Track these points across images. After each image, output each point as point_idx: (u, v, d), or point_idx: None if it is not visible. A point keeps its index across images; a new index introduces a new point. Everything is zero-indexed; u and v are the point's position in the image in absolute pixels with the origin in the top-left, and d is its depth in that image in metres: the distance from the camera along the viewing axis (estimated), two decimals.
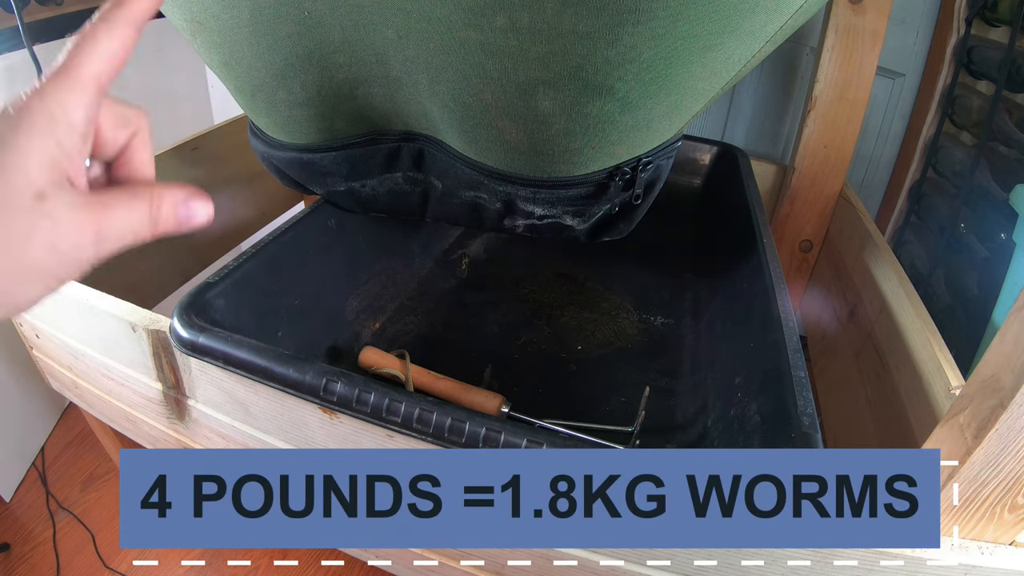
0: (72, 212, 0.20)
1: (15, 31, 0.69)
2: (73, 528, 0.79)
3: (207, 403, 0.48)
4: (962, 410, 0.34)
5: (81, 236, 0.21)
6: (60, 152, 0.20)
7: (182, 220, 0.23)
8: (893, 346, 0.58)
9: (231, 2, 0.39)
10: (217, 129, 0.79)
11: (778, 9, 0.33)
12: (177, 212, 0.23)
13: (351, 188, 0.54)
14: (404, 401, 0.37)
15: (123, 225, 0.22)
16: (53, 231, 0.20)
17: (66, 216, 0.20)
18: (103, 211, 0.21)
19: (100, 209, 0.21)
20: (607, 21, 0.31)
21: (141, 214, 0.22)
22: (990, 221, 0.75)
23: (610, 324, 0.69)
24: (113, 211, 0.21)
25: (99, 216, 0.21)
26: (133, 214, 0.22)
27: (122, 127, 0.23)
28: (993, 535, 0.34)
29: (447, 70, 0.37)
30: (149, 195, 0.22)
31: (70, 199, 0.21)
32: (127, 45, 0.21)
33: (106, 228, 0.21)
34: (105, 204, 0.21)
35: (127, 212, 0.22)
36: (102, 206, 0.21)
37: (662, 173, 0.48)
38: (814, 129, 0.83)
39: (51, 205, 0.20)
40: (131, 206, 0.22)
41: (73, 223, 0.20)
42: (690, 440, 0.53)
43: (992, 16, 0.80)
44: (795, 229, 0.90)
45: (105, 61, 0.21)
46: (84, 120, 0.21)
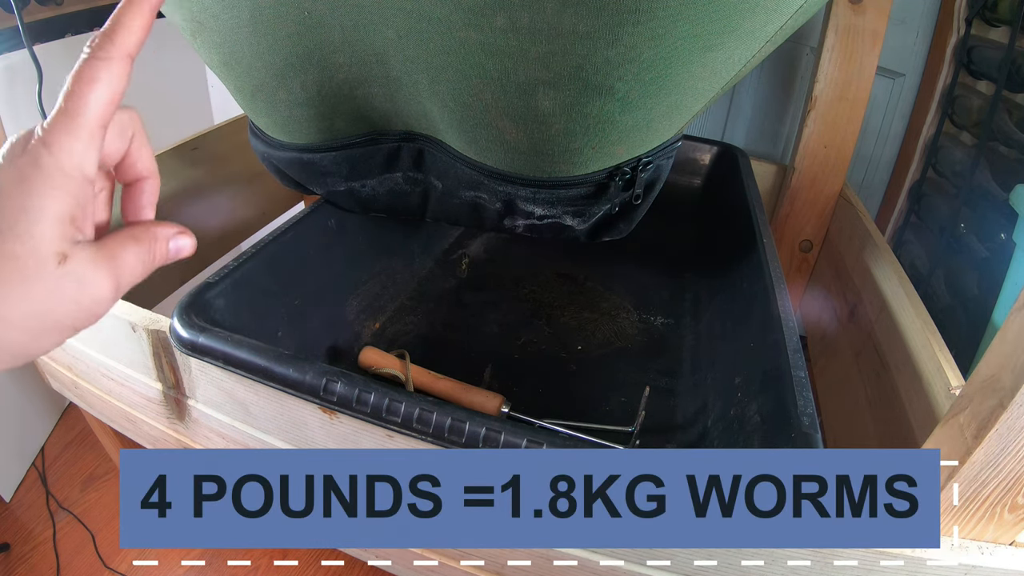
0: (93, 268, 0.21)
1: (15, 31, 0.69)
2: (73, 528, 0.79)
3: (207, 403, 0.48)
4: (962, 410, 0.34)
5: (102, 290, 0.21)
6: (77, 208, 0.20)
7: (173, 254, 0.25)
8: (893, 346, 0.58)
9: (231, 2, 0.39)
10: (217, 129, 0.79)
11: (778, 9, 0.33)
12: (169, 248, 0.24)
13: (351, 188, 0.54)
14: (404, 401, 0.37)
15: (132, 269, 0.23)
16: (78, 290, 0.20)
17: (87, 274, 0.21)
18: (116, 261, 0.22)
19: (113, 260, 0.22)
20: (607, 21, 0.31)
21: (144, 256, 0.23)
22: (990, 221, 0.75)
23: (610, 324, 0.69)
24: (124, 259, 0.22)
25: (114, 267, 0.22)
26: (139, 258, 0.23)
27: (121, 137, 0.23)
28: (993, 535, 0.34)
29: (447, 70, 0.37)
30: (147, 237, 0.23)
31: (88, 254, 0.21)
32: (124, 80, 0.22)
33: (122, 278, 0.22)
34: (115, 254, 0.22)
35: (134, 257, 0.23)
36: (113, 257, 0.22)
37: (662, 173, 0.48)
38: (814, 129, 0.83)
39: (73, 264, 0.20)
40: (136, 250, 0.23)
41: (95, 279, 0.21)
42: (690, 440, 0.53)
43: (992, 16, 0.80)
44: (795, 229, 0.90)
45: (107, 101, 0.21)
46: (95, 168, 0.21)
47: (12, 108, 0.77)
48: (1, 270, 0.19)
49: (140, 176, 0.25)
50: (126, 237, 0.23)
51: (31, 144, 0.20)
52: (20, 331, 0.20)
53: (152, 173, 0.25)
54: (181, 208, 0.73)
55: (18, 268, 0.19)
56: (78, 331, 0.21)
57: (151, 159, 0.25)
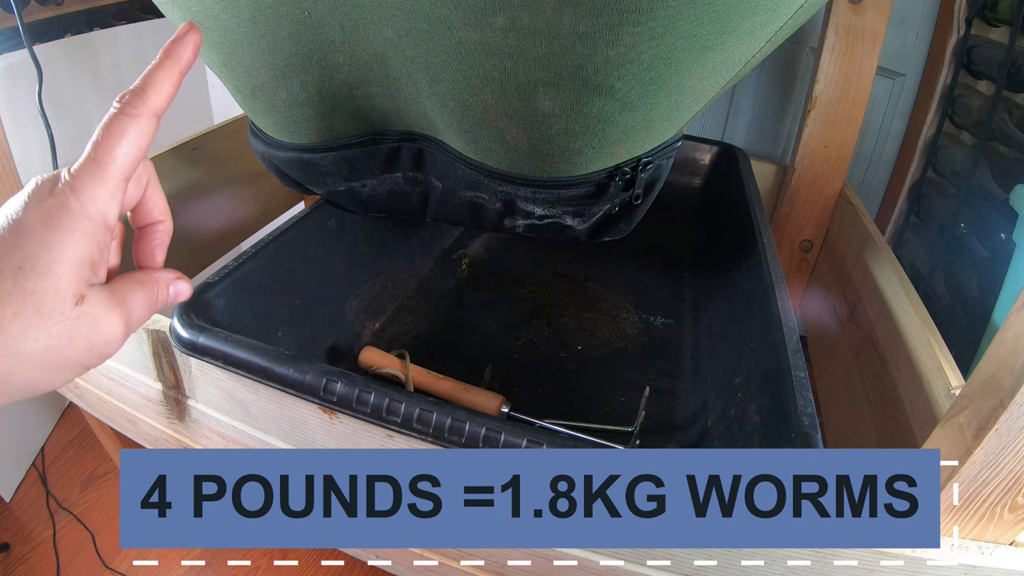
0: (107, 311, 0.22)
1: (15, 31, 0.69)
2: (73, 528, 0.79)
3: (207, 403, 0.48)
4: (962, 410, 0.34)
5: (114, 331, 0.22)
6: (96, 252, 0.21)
7: (172, 298, 0.26)
8: (893, 346, 0.58)
9: (231, 2, 0.39)
10: (217, 129, 0.79)
11: (778, 9, 0.33)
12: (170, 292, 0.26)
13: (351, 188, 0.54)
14: (404, 401, 0.37)
15: (140, 312, 0.24)
16: (92, 330, 0.21)
17: (102, 315, 0.21)
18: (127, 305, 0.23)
19: (124, 303, 0.23)
20: (607, 21, 0.31)
21: (150, 300, 0.24)
22: (990, 221, 0.75)
23: (610, 324, 0.69)
24: (133, 303, 0.23)
25: (125, 310, 0.23)
26: (145, 302, 0.24)
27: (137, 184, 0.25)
28: (993, 535, 0.34)
29: (447, 70, 0.37)
30: (151, 282, 0.25)
31: (103, 298, 0.22)
32: (150, 137, 0.23)
33: (131, 320, 0.23)
34: (126, 298, 0.23)
35: (141, 302, 0.24)
36: (124, 300, 0.23)
37: (662, 173, 0.48)
38: (814, 129, 0.83)
39: (89, 306, 0.21)
40: (142, 295, 0.24)
41: (108, 320, 0.22)
42: (690, 440, 0.53)
43: (992, 16, 0.80)
44: (795, 229, 0.90)
45: (133, 156, 0.22)
46: (117, 215, 0.22)
47: (12, 108, 0.77)
48: (21, 305, 0.19)
49: (154, 220, 0.26)
50: (133, 282, 0.24)
51: (59, 187, 0.21)
52: (33, 367, 0.20)
53: (165, 217, 0.26)
54: (181, 208, 0.73)
55: (37, 305, 0.20)
56: (87, 369, 0.22)
57: (164, 205, 0.26)
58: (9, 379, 0.20)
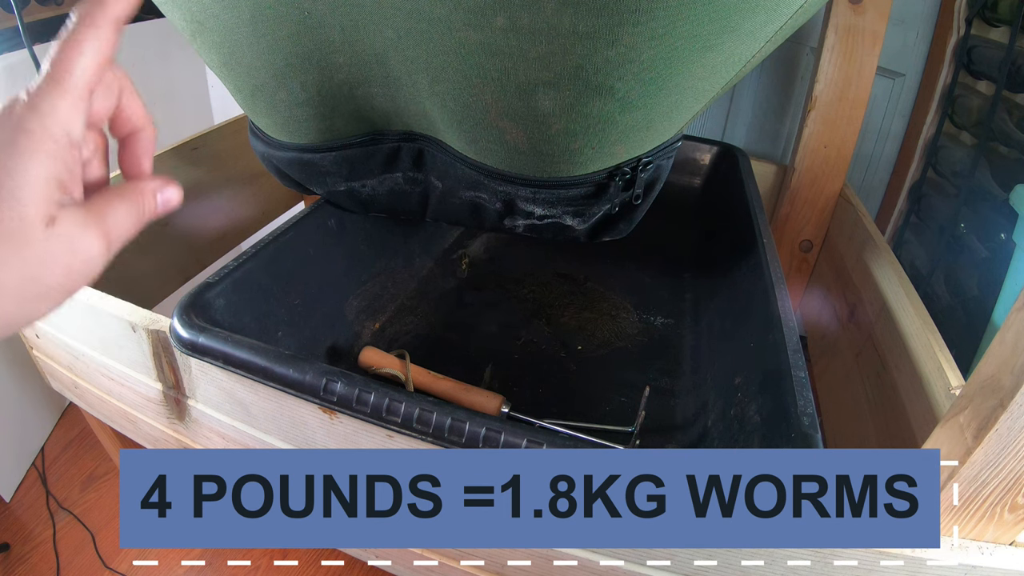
0: (82, 230, 0.21)
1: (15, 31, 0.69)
2: (73, 528, 0.79)
3: (207, 403, 0.48)
4: (962, 410, 0.34)
5: (92, 250, 0.21)
6: (64, 171, 0.20)
7: (161, 207, 0.25)
8: (893, 346, 0.58)
9: (231, 2, 0.39)
10: (217, 129, 0.79)
11: (778, 9, 0.33)
12: (157, 200, 0.24)
13: (351, 188, 0.54)
14: (404, 401, 0.37)
15: (123, 227, 0.22)
16: (68, 253, 0.20)
17: (77, 235, 0.20)
18: (105, 221, 0.22)
19: (102, 219, 0.22)
20: (607, 21, 0.31)
21: (134, 211, 0.23)
22: (990, 221, 0.75)
23: (610, 324, 0.69)
24: (112, 217, 0.22)
25: (104, 227, 0.22)
26: (128, 214, 0.23)
27: (108, 94, 0.23)
28: (993, 535, 0.34)
29: (447, 70, 0.37)
30: (135, 192, 0.23)
31: (77, 216, 0.21)
32: (112, 46, 0.22)
33: (112, 236, 0.22)
34: (104, 213, 0.22)
35: (124, 215, 0.23)
36: (102, 216, 0.22)
37: (662, 173, 0.48)
38: (814, 129, 0.83)
39: (61, 227, 0.20)
40: (124, 207, 0.23)
41: (84, 239, 0.21)
42: (690, 440, 0.53)
43: (992, 16, 0.80)
44: (795, 229, 0.90)
45: (94, 67, 0.21)
46: (82, 130, 0.21)
47: None
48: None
49: (134, 129, 0.25)
50: (113, 195, 0.23)
51: (16, 109, 0.20)
52: (11, 299, 0.19)
53: (145, 124, 0.25)
54: (181, 208, 0.73)
55: (4, 233, 0.19)
56: (71, 294, 0.21)
57: (142, 110, 0.25)
58: None
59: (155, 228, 0.68)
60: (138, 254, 0.67)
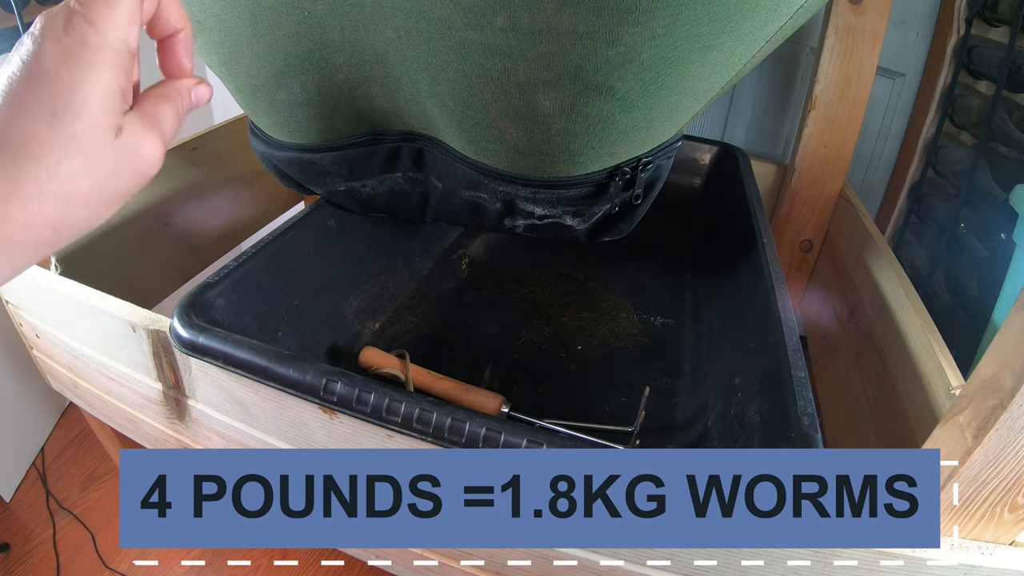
0: (144, 135, 0.22)
1: (15, 31, 0.69)
2: (73, 528, 0.79)
3: (207, 403, 0.48)
4: (962, 410, 0.34)
5: (155, 152, 0.22)
6: (125, 81, 0.21)
7: (195, 103, 0.26)
8: (893, 346, 0.58)
9: (231, 2, 0.39)
10: (217, 129, 0.79)
11: (778, 9, 0.33)
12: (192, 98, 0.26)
13: (351, 188, 0.54)
14: (404, 401, 0.37)
15: (172, 126, 0.24)
16: (135, 159, 0.21)
17: (141, 140, 0.22)
18: (159, 121, 0.23)
19: (157, 122, 0.23)
20: (607, 21, 0.31)
21: (176, 110, 0.24)
22: (990, 221, 0.75)
23: (610, 324, 0.69)
24: (163, 120, 0.23)
25: (160, 128, 0.23)
26: (172, 113, 0.24)
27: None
28: (993, 535, 0.34)
29: (447, 70, 0.37)
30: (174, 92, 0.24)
31: (138, 123, 0.22)
32: None
33: (166, 135, 0.23)
34: (157, 115, 0.23)
35: (170, 114, 0.24)
36: (156, 118, 0.23)
37: (662, 173, 0.48)
38: (814, 129, 0.83)
39: (128, 135, 0.21)
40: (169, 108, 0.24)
41: (148, 143, 0.22)
42: (690, 440, 0.53)
43: (992, 16, 0.80)
44: (795, 229, 0.90)
45: None
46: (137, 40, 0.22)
47: None
48: (64, 151, 0.19)
49: (174, 30, 0.25)
50: (158, 97, 0.24)
51: (73, 22, 0.20)
52: (84, 206, 0.20)
53: (185, 23, 0.26)
54: (181, 208, 0.73)
55: (79, 146, 0.20)
56: (131, 195, 0.22)
57: (180, 10, 0.25)
58: (63, 223, 0.20)
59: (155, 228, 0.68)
60: (138, 254, 0.67)
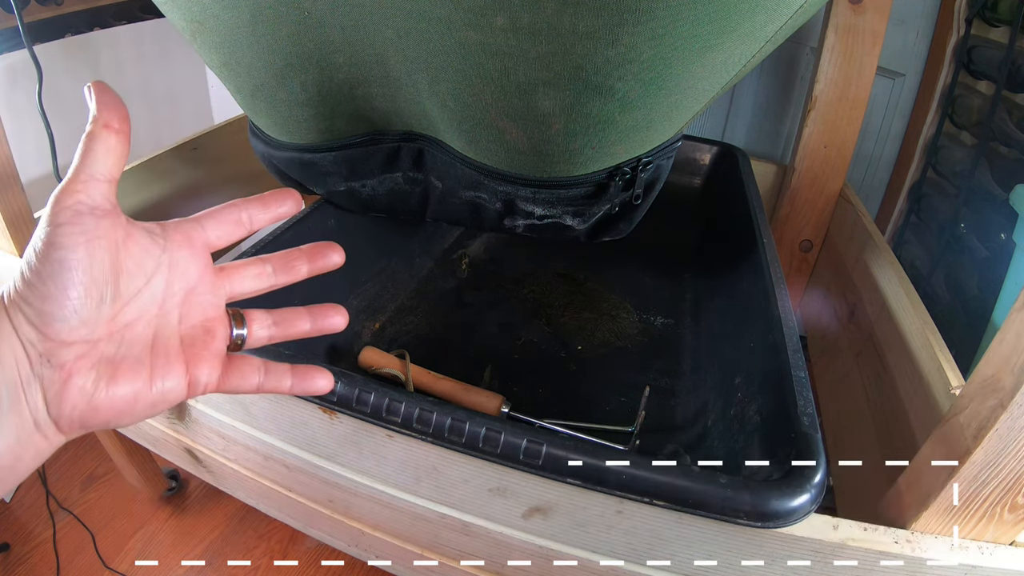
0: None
1: (15, 31, 0.69)
2: (73, 528, 0.79)
3: (207, 403, 0.48)
4: (962, 410, 0.34)
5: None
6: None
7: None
8: (893, 346, 0.58)
9: (231, 2, 0.39)
10: (217, 129, 0.79)
11: (778, 9, 0.33)
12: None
13: (351, 188, 0.54)
14: (404, 401, 0.37)
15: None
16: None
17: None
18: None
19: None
20: (607, 21, 0.30)
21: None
22: (990, 221, 0.75)
23: (610, 324, 0.69)
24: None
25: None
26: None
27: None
28: (993, 535, 0.34)
29: (447, 70, 0.37)
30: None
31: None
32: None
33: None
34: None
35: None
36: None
37: (662, 173, 0.48)
38: (814, 129, 0.83)
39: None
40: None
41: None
42: (690, 440, 0.53)
43: (992, 16, 0.80)
44: (795, 229, 0.90)
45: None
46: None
47: (12, 108, 0.77)
48: None
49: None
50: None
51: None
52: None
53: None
54: (181, 208, 0.73)
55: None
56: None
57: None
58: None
59: None
60: None
